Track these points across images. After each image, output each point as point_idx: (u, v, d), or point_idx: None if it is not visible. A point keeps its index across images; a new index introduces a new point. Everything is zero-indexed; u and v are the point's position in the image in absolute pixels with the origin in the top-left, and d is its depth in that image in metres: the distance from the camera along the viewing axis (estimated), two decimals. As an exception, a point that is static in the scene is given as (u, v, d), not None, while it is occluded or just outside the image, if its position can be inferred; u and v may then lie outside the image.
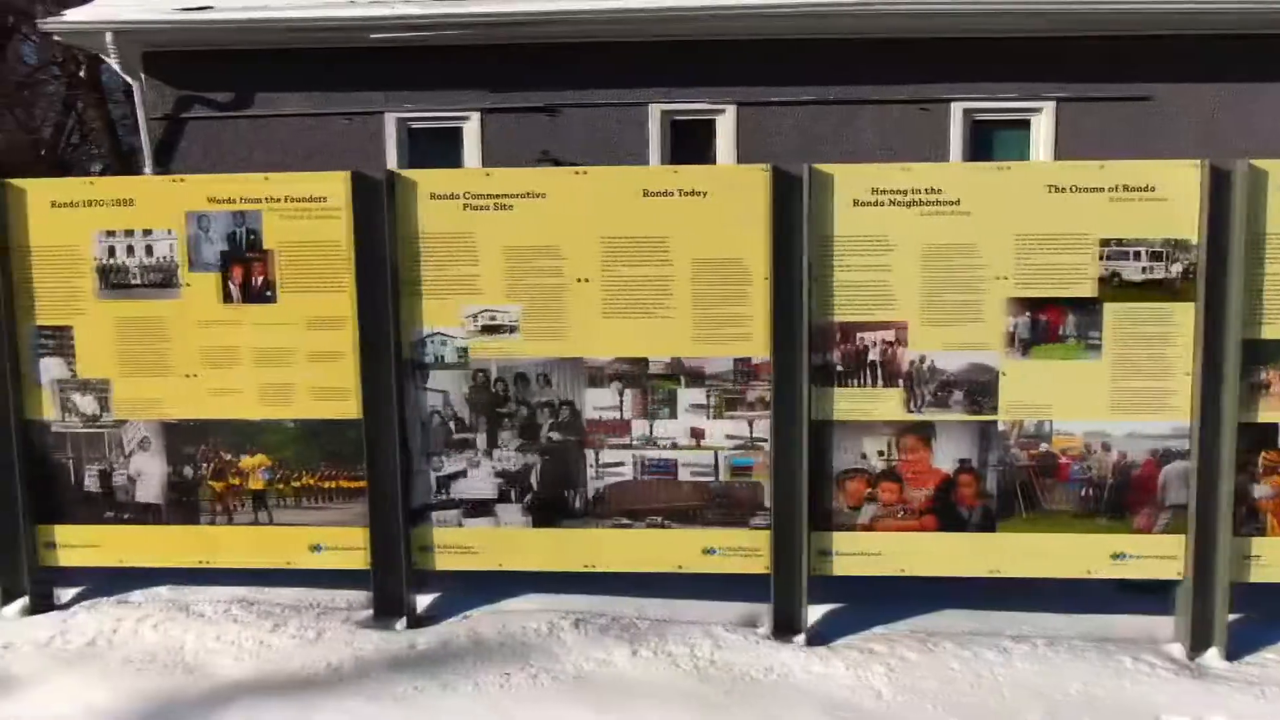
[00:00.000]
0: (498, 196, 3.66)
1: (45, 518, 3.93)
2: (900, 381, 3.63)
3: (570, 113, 7.69)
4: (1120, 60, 7.53)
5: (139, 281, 3.79)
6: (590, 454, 3.75)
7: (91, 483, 3.91)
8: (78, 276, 3.81)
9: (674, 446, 3.73)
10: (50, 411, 3.88)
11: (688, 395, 3.70)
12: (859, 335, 3.62)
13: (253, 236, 3.74)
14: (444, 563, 3.84)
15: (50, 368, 3.86)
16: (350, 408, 3.77)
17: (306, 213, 3.72)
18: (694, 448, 3.73)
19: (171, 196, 3.77)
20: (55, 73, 15.83)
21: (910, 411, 3.64)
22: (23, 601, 3.92)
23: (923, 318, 3.59)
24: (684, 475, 3.74)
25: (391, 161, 7.90)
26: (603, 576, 3.87)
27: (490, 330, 3.72)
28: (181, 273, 3.78)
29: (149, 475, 3.88)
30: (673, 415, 3.71)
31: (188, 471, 3.87)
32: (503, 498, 3.79)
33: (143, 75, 7.81)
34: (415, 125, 8.08)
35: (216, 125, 7.94)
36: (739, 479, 3.73)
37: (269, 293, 3.76)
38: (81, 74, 14.06)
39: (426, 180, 3.69)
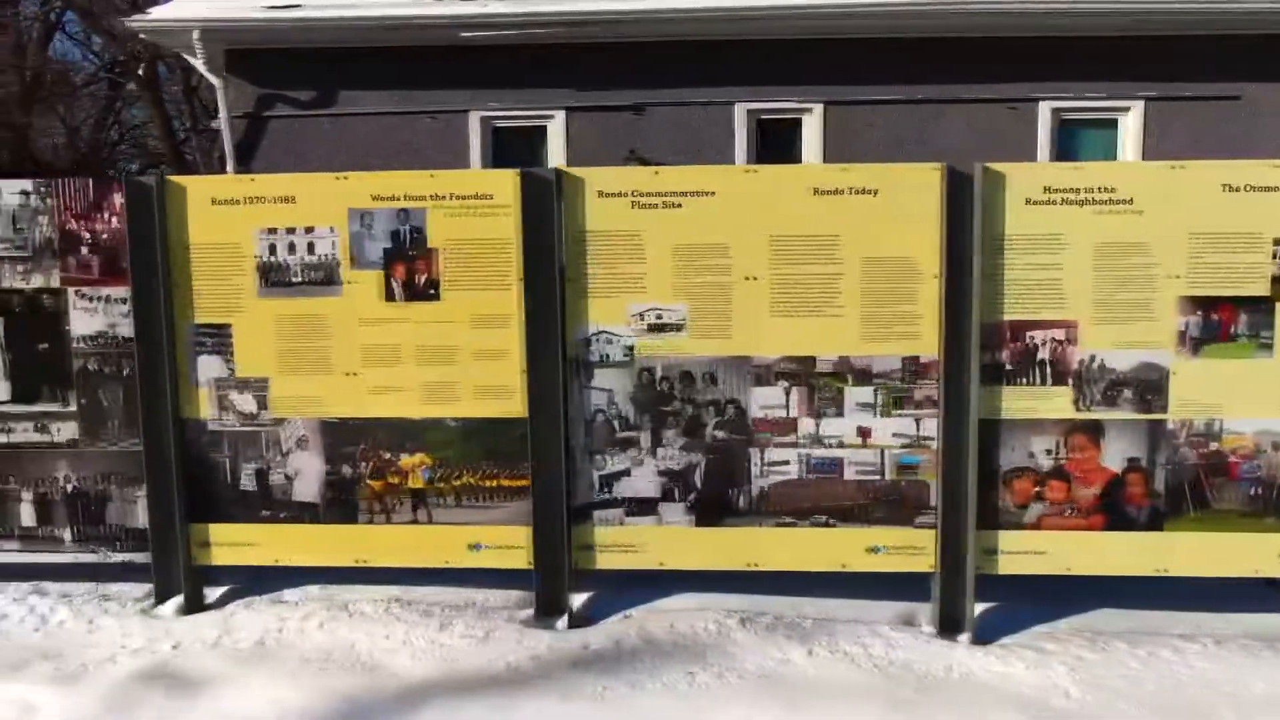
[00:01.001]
0: (666, 194, 3.65)
1: (200, 516, 3.91)
2: (1069, 380, 3.63)
3: (656, 111, 7.67)
4: (1209, 59, 7.53)
5: (300, 279, 3.77)
6: (755, 453, 3.75)
7: (248, 481, 3.89)
8: (238, 274, 3.79)
9: (840, 445, 3.72)
10: (207, 410, 3.86)
11: (855, 394, 3.70)
12: (1028, 334, 3.62)
13: (416, 234, 3.73)
14: (605, 562, 3.83)
15: (208, 366, 3.84)
16: (514, 406, 3.76)
17: (472, 210, 3.71)
18: (860, 446, 3.72)
19: (334, 193, 3.75)
20: (97, 71, 15.79)
21: (1079, 410, 3.64)
22: (178, 600, 3.90)
23: (1093, 316, 3.59)
24: (849, 474, 3.74)
25: (476, 160, 7.88)
26: (750, 575, 3.87)
27: (657, 329, 3.71)
28: (343, 270, 3.76)
29: (307, 474, 3.87)
30: (839, 414, 3.71)
31: (346, 470, 3.85)
32: (666, 496, 3.78)
33: (225, 73, 7.78)
34: (500, 124, 8.05)
35: (299, 124, 7.90)
36: (905, 477, 3.73)
37: (433, 291, 3.74)
38: (140, 72, 13.96)
39: (595, 178, 3.68)
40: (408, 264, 3.74)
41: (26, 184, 3.88)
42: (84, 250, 3.84)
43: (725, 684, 3.31)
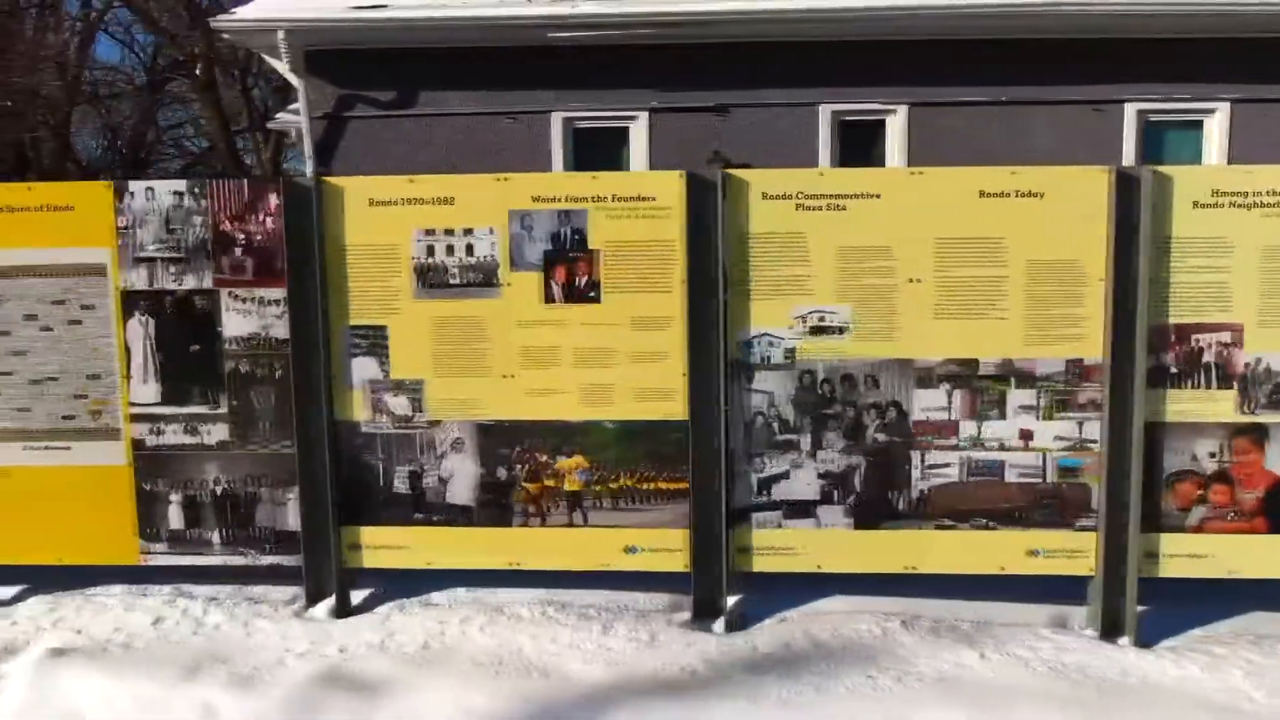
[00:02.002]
0: (832, 197, 3.65)
1: (351, 519, 3.89)
2: (1234, 383, 3.63)
3: (739, 112, 7.66)
4: (1295, 61, 7.55)
5: (458, 281, 3.76)
6: (915, 455, 3.74)
7: (401, 484, 3.87)
8: (394, 276, 3.77)
9: (1001, 448, 3.72)
10: (361, 412, 3.85)
11: (1017, 396, 3.69)
12: (1194, 336, 3.62)
13: (577, 235, 3.71)
14: (762, 564, 3.82)
15: (362, 368, 3.82)
16: (674, 408, 3.74)
17: (635, 212, 3.69)
18: (1022, 449, 3.72)
19: (495, 195, 3.73)
20: (144, 71, 15.74)
21: (1243, 413, 3.64)
22: (329, 603, 3.88)
23: (1259, 319, 3.59)
24: (1010, 476, 3.73)
25: (558, 161, 7.87)
26: (894, 578, 3.86)
27: (819, 331, 3.70)
28: (502, 272, 3.74)
29: (461, 477, 3.85)
30: (1001, 416, 3.70)
31: (501, 473, 3.84)
32: (825, 499, 3.77)
33: (305, 74, 7.74)
34: (581, 125, 8.03)
35: (379, 124, 7.88)
36: (1066, 480, 3.72)
37: (593, 293, 3.73)
38: (198, 72, 13.91)
39: (759, 180, 3.67)
40: (568, 266, 3.72)
41: (180, 184, 3.86)
42: (238, 251, 3.82)
43: (907, 687, 3.30)
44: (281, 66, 7.68)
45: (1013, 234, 3.61)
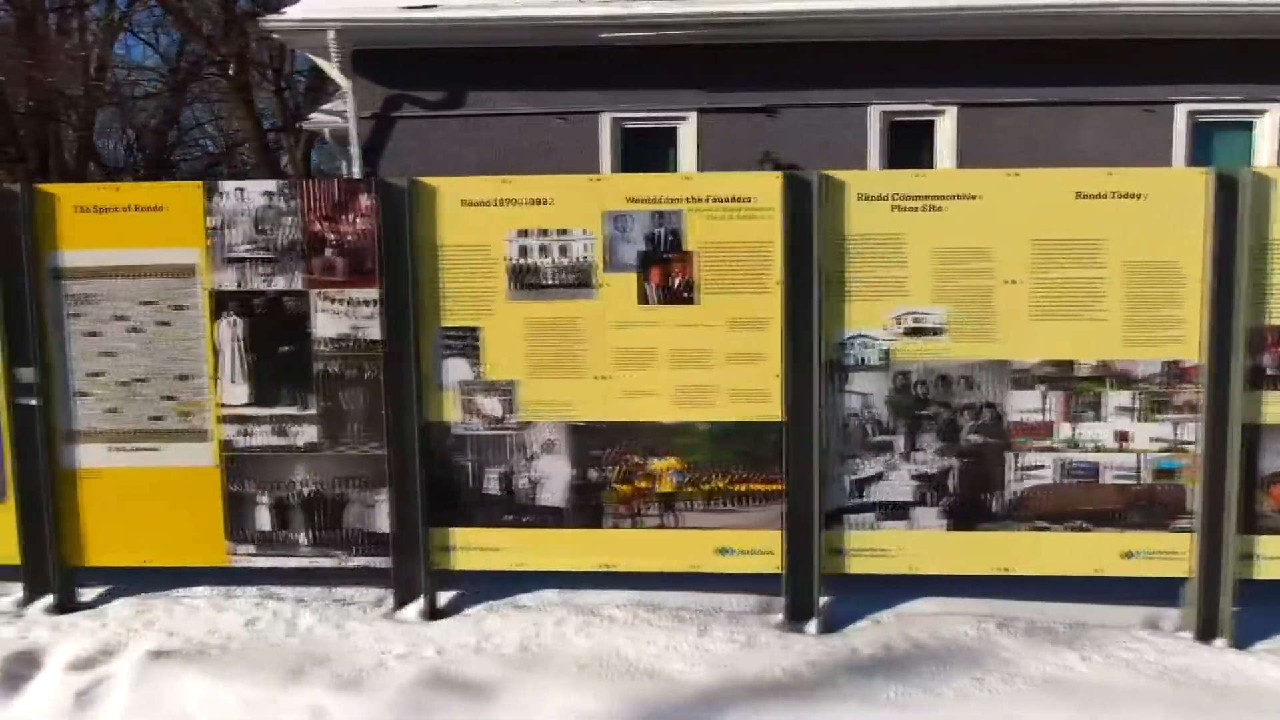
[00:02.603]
0: (929, 198, 3.64)
1: (441, 521, 3.88)
2: (1332, 385, 3.62)
3: (789, 113, 7.66)
4: (1347, 62, 7.54)
5: (552, 282, 3.75)
6: (1011, 456, 3.73)
7: (492, 485, 3.86)
8: (488, 277, 3.76)
9: (1097, 449, 3.71)
10: (452, 414, 3.84)
11: (1114, 398, 3.69)
12: (1292, 338, 3.62)
13: (673, 237, 3.71)
14: (855, 566, 3.81)
15: (454, 369, 3.81)
16: (769, 410, 3.73)
17: (731, 213, 3.69)
18: (1118, 450, 3.71)
19: (590, 196, 3.72)
20: (161, 71, 15.74)
21: (1341, 415, 3.64)
22: (419, 605, 3.87)
23: (1358, 321, 3.59)
24: (1106, 478, 3.72)
25: (606, 162, 7.86)
26: (981, 579, 3.85)
27: (915, 332, 3.69)
28: (597, 273, 3.74)
29: (553, 478, 3.84)
30: (1098, 418, 3.70)
31: (593, 474, 3.83)
32: (919, 500, 3.77)
33: (353, 74, 7.73)
34: (630, 125, 8.03)
35: (426, 124, 7.86)
36: (1162, 482, 3.71)
37: (688, 294, 3.72)
38: (231, 72, 13.89)
39: (856, 181, 3.66)
40: (663, 267, 3.72)
41: (271, 185, 3.85)
42: (329, 252, 3.80)
43: (1015, 690, 3.29)
44: (329, 67, 7.67)
45: (1110, 235, 3.61)
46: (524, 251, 3.74)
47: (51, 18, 14.40)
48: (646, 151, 8.04)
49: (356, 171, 7.95)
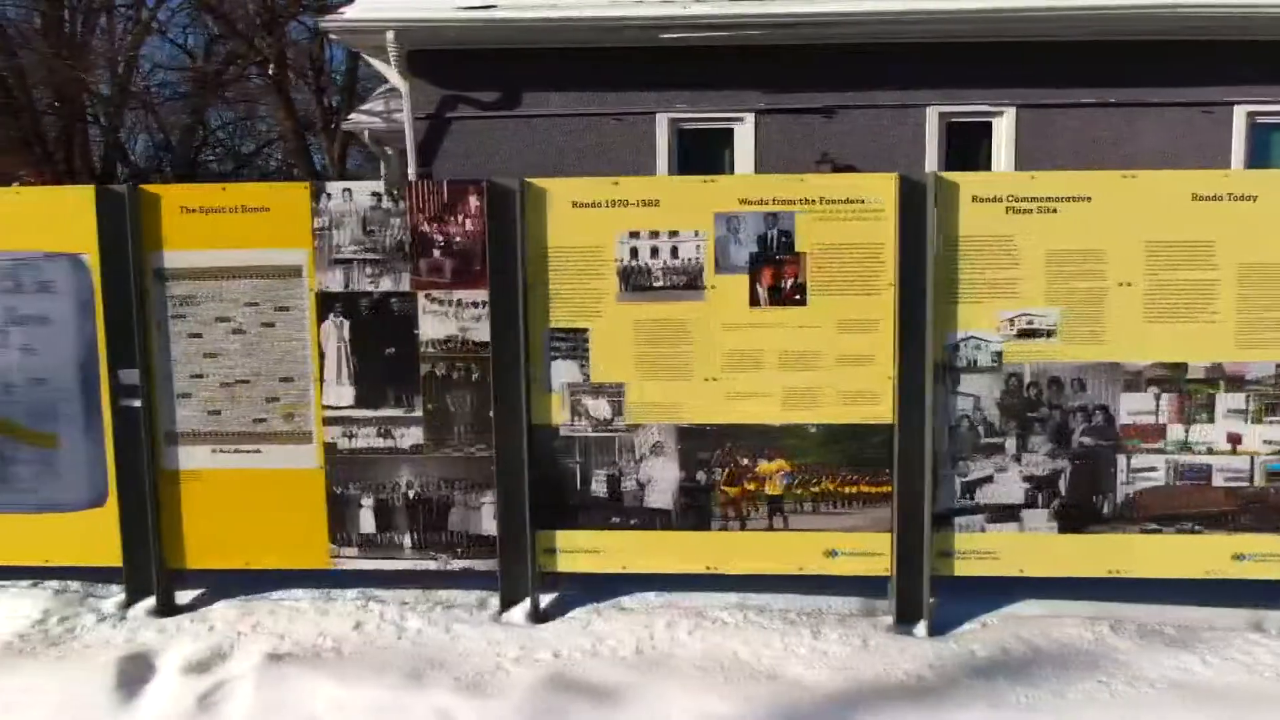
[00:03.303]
0: (1042, 200, 3.63)
1: (547, 523, 3.87)
2: None
3: (846, 114, 7.65)
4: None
5: (662, 283, 3.74)
6: (1122, 459, 3.73)
7: (598, 488, 3.85)
8: (597, 278, 3.75)
9: (1209, 451, 3.71)
10: (559, 416, 3.82)
11: (1226, 400, 3.68)
12: (1406, 340, 3.61)
13: (784, 238, 3.70)
14: (963, 569, 3.80)
15: (562, 371, 3.80)
16: (879, 411, 3.73)
17: (844, 214, 3.68)
18: (1229, 453, 3.71)
19: (701, 197, 3.71)
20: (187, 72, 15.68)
21: None
22: (523, 607, 3.85)
23: None
24: (1217, 480, 3.72)
25: (663, 163, 7.84)
26: (1079, 581, 3.83)
27: (1027, 334, 3.68)
28: (707, 275, 3.73)
29: (660, 480, 3.83)
30: (1210, 420, 3.69)
31: (700, 477, 3.82)
32: (1029, 503, 3.76)
33: (409, 74, 7.70)
34: (686, 126, 8.01)
35: (481, 125, 7.84)
36: (1274, 485, 3.71)
37: (799, 296, 3.71)
38: (270, 72, 13.85)
39: (969, 183, 3.65)
40: (774, 268, 3.71)
41: (379, 186, 3.83)
42: (436, 253, 3.79)
43: (1140, 692, 3.28)
44: (386, 68, 7.64)
45: (1224, 236, 3.60)
46: (634, 253, 3.73)
47: (79, 17, 14.35)
48: (702, 152, 8.03)
49: (412, 173, 7.94)
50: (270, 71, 13.91)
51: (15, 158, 13.71)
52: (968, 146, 7.91)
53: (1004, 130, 7.79)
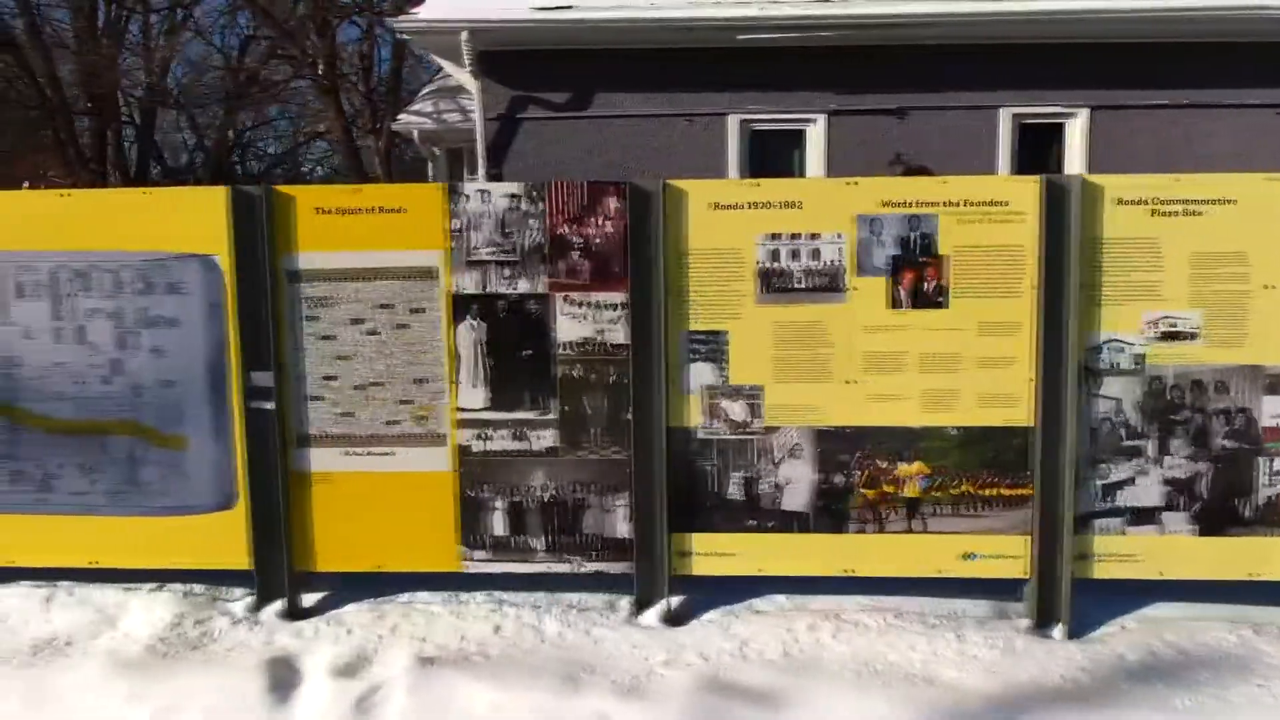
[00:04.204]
0: (1188, 202, 3.63)
1: (682, 526, 3.86)
2: None
3: (918, 115, 7.65)
4: None
5: (802, 285, 3.73)
6: (1263, 461, 3.72)
7: (735, 490, 3.84)
8: (737, 280, 3.74)
9: (1350, 454, 3.71)
10: (696, 418, 3.81)
11: (1369, 402, 3.68)
12: None
13: (925, 240, 3.69)
14: (1102, 571, 3.79)
15: (700, 373, 3.79)
16: (1018, 414, 3.72)
17: (986, 217, 3.67)
18: (1371, 455, 3.70)
19: (842, 199, 3.70)
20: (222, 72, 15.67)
21: None
22: (659, 609, 3.84)
23: None
24: (1358, 483, 3.72)
25: (734, 164, 7.84)
26: (1201, 584, 3.82)
27: (1169, 337, 3.68)
28: (848, 277, 3.72)
29: (797, 483, 3.82)
30: (1352, 423, 3.69)
31: (838, 479, 3.81)
32: (1169, 505, 3.75)
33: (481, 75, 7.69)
34: (758, 127, 8.01)
35: (552, 126, 7.83)
36: None
37: (940, 298, 3.70)
38: (320, 73, 13.81)
39: (1113, 186, 3.65)
40: (915, 270, 3.70)
41: (516, 187, 3.82)
42: (574, 255, 3.78)
43: (1300, 696, 3.29)
44: (455, 68, 7.63)
45: (1369, 239, 3.60)
46: (774, 255, 3.72)
47: (120, 16, 14.33)
48: (773, 153, 8.03)
49: (483, 174, 7.93)
50: (320, 72, 13.88)
51: (47, 158, 13.68)
52: (1040, 147, 7.91)
53: (1077, 131, 7.80)
